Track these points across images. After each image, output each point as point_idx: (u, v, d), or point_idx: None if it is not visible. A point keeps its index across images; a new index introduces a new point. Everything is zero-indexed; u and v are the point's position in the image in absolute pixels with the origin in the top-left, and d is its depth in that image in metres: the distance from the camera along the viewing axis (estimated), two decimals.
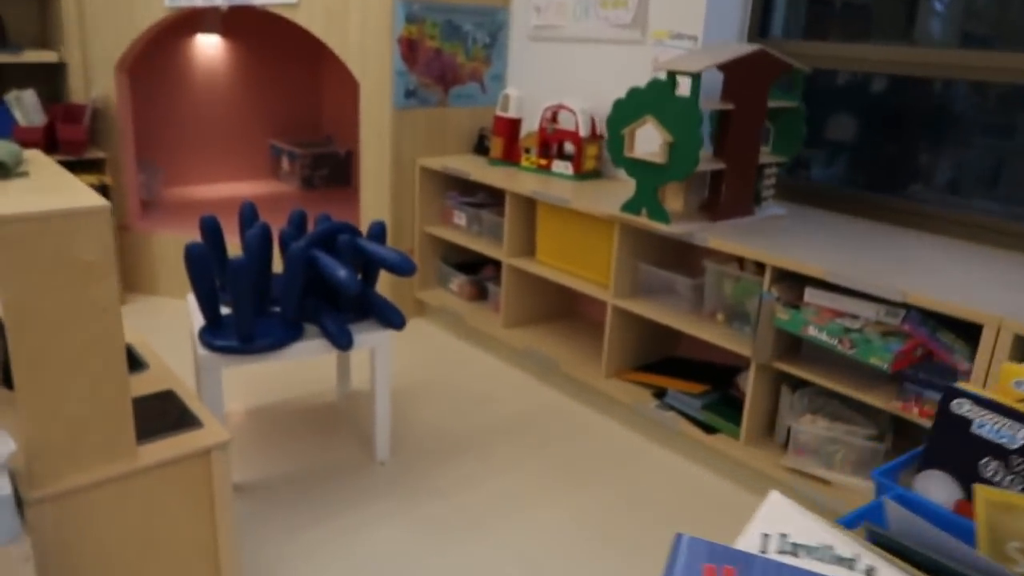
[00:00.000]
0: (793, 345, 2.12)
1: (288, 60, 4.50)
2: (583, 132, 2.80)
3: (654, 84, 2.12)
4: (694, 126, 2.04)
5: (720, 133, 2.20)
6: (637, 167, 2.22)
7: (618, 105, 2.23)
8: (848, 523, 0.69)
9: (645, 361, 2.69)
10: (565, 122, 2.90)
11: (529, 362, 2.88)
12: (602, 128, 2.87)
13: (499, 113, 3.03)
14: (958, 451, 0.76)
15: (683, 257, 2.64)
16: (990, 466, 0.74)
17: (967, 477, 0.75)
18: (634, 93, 2.18)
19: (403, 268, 2.02)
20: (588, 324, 3.06)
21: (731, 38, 2.59)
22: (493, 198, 3.16)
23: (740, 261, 2.28)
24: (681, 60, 2.11)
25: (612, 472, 2.28)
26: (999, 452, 0.73)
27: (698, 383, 2.46)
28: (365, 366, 2.85)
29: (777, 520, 0.59)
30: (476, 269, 3.26)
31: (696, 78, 2.04)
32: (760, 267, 2.22)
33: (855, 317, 1.94)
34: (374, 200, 3.15)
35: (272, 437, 2.38)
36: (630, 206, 2.28)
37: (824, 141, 2.60)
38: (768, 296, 2.01)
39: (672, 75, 2.10)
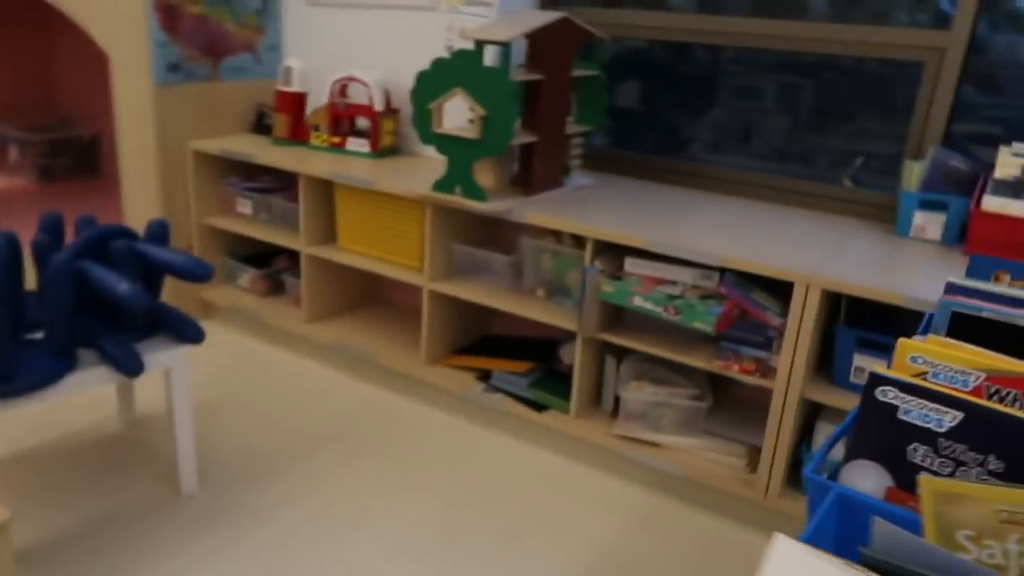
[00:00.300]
0: (616, 315, 2.14)
1: (7, 27, 3.78)
2: (378, 106, 2.62)
3: (461, 55, 2.00)
4: (508, 98, 1.96)
5: (528, 105, 2.14)
6: (448, 143, 2.10)
7: (422, 77, 2.09)
8: (811, 537, 0.64)
9: (463, 343, 2.60)
10: (356, 96, 2.69)
11: (340, 358, 2.68)
12: (398, 101, 2.70)
13: (281, 87, 2.75)
14: (885, 439, 0.74)
15: (495, 234, 2.58)
16: (919, 451, 0.72)
17: (895, 464, 0.74)
18: (439, 64, 2.05)
19: (197, 273, 1.74)
20: (399, 310, 2.91)
21: (525, 6, 2.54)
22: (282, 182, 2.88)
23: (556, 234, 2.26)
24: (488, 29, 2.01)
25: (447, 464, 2.18)
26: (927, 437, 0.72)
27: (521, 361, 2.42)
28: (151, 385, 2.49)
29: (788, 568, 0.52)
30: (268, 261, 2.97)
31: (506, 47, 1.95)
32: (577, 239, 2.21)
33: (674, 283, 1.99)
34: (139, 192, 2.74)
35: (51, 486, 1.99)
36: (442, 185, 2.16)
37: (618, 109, 2.64)
38: (592, 269, 2.00)
39: (480, 44, 2.00)
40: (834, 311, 1.89)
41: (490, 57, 2.02)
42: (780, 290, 1.92)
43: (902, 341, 0.83)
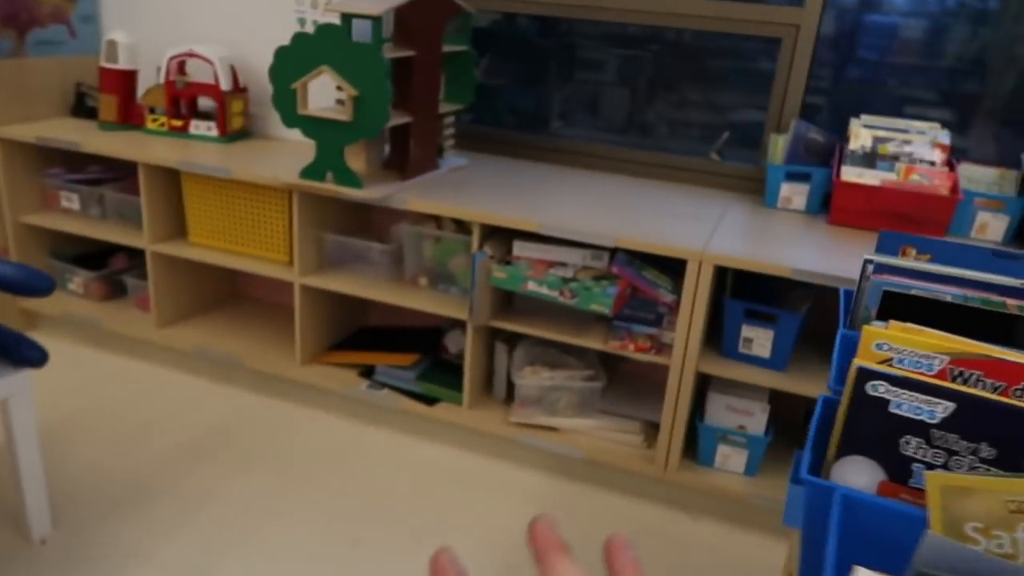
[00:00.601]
0: (505, 300, 2.08)
1: None
2: (224, 85, 2.37)
3: (326, 30, 1.84)
4: (381, 76, 1.83)
5: (400, 83, 2.01)
6: (317, 126, 1.93)
7: (282, 54, 1.90)
8: (838, 552, 0.61)
9: (338, 338, 2.45)
10: (197, 73, 2.42)
11: (203, 364, 2.44)
12: (246, 79, 2.47)
13: (105, 64, 2.42)
14: (876, 433, 0.73)
15: (365, 221, 2.43)
16: (911, 444, 0.72)
17: (888, 458, 0.73)
18: (301, 39, 1.87)
19: (35, 286, 1.49)
20: (263, 307, 2.69)
21: None
22: (114, 171, 2.56)
23: (436, 219, 2.16)
24: (357, 2, 1.85)
25: (338, 470, 2.04)
26: (919, 429, 0.71)
27: (404, 353, 2.31)
28: None
29: None
30: (103, 262, 2.64)
31: (378, 22, 1.81)
32: (459, 223, 2.13)
33: (564, 265, 1.96)
34: None
35: None
36: (312, 171, 2.00)
37: (482, 85, 2.56)
38: (481, 255, 1.92)
39: (347, 18, 1.84)
40: (719, 285, 1.94)
41: (356, 32, 1.87)
42: (670, 267, 1.93)
43: (866, 329, 0.83)
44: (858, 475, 0.73)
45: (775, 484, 1.93)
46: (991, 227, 2.01)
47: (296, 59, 1.88)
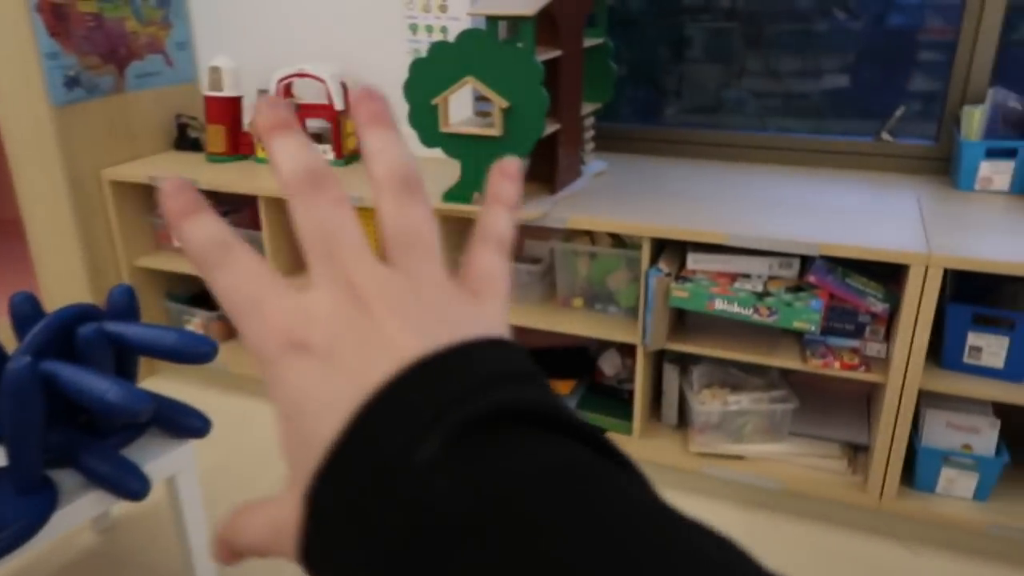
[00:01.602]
0: (677, 318, 1.87)
1: None
2: (338, 104, 2.21)
3: (471, 35, 1.64)
4: (536, 84, 1.63)
5: (547, 87, 1.81)
6: (462, 144, 1.75)
7: (419, 66, 1.71)
8: None
9: None
10: (306, 94, 2.26)
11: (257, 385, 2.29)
12: None
13: (210, 93, 2.28)
14: None
15: None
16: None
17: None
18: (441, 48, 1.68)
19: (197, 353, 1.34)
20: None
21: None
22: (229, 204, 2.42)
23: (589, 234, 1.96)
24: (500, 1, 1.66)
25: None
26: None
27: (558, 379, 2.12)
28: None
29: None
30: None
31: (530, 23, 1.61)
32: (615, 236, 1.92)
33: (747, 277, 1.74)
34: (50, 240, 2.23)
35: None
36: (457, 194, 1.81)
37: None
38: (656, 273, 1.71)
39: (494, 21, 1.64)
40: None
41: (506, 35, 1.67)
42: (879, 272, 1.70)
43: None
44: None
45: (1012, 510, 1.69)
46: None
47: (435, 71, 1.69)
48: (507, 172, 0.32)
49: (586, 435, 0.24)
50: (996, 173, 1.87)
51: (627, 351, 2.05)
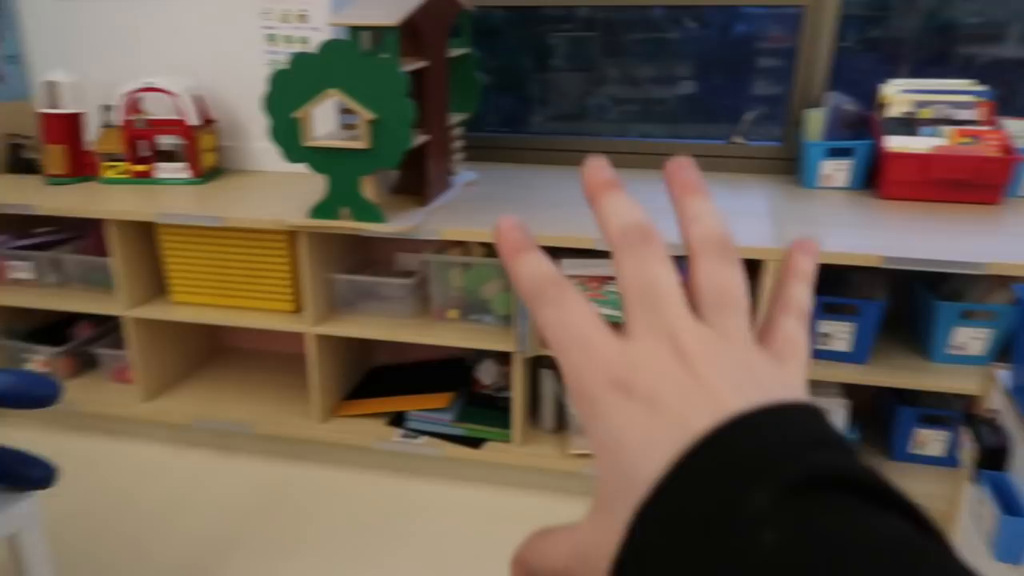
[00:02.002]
0: None
1: None
2: (192, 120, 2.09)
3: (334, 46, 1.59)
4: (401, 95, 1.60)
5: (414, 98, 1.78)
6: (328, 158, 1.69)
7: (279, 78, 1.65)
8: None
9: (351, 385, 2.21)
10: (156, 109, 2.13)
11: (202, 435, 2.16)
12: (217, 111, 2.18)
13: (46, 110, 2.10)
14: None
15: (368, 254, 2.19)
16: None
17: None
18: (302, 59, 1.62)
19: (40, 396, 1.22)
20: (258, 360, 2.41)
21: None
22: (69, 231, 2.24)
23: (462, 244, 1.95)
24: (362, 11, 1.62)
25: (387, 533, 1.82)
26: None
27: (436, 393, 2.09)
28: None
29: None
30: (60, 334, 2.30)
31: (393, 33, 1.58)
32: (487, 246, 1.92)
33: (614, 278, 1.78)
34: None
35: None
36: (324, 209, 1.75)
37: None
38: None
39: (356, 31, 1.60)
40: None
41: (371, 45, 1.64)
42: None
43: None
44: None
45: None
46: None
47: (296, 83, 1.63)
48: (808, 248, 0.34)
49: (906, 507, 0.24)
50: (836, 171, 2.01)
51: (503, 359, 2.05)
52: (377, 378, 2.26)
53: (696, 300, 0.30)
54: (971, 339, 1.72)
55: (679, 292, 0.29)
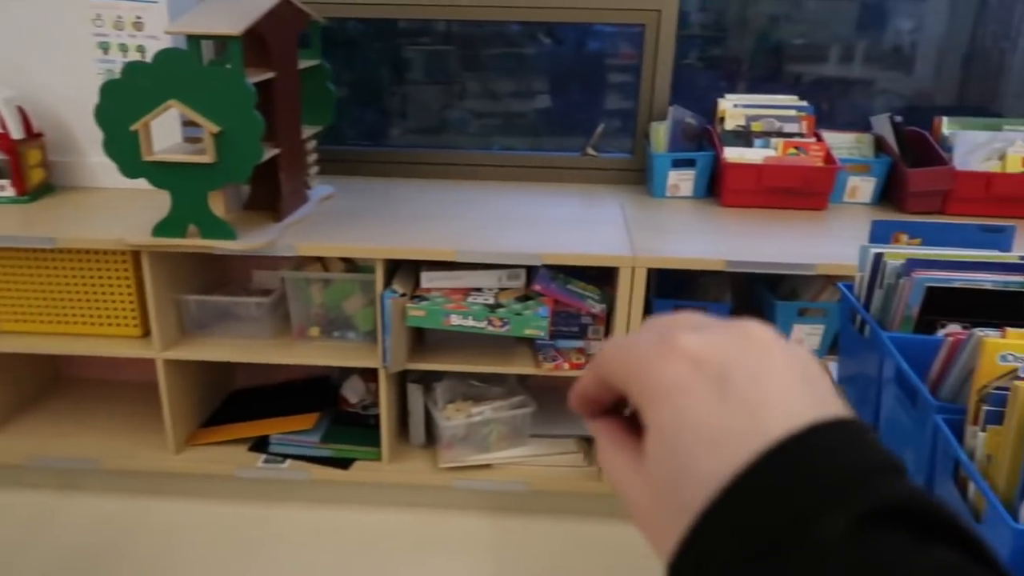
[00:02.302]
0: (416, 337, 1.88)
1: None
2: (15, 133, 1.93)
3: (171, 56, 1.52)
4: (248, 107, 1.54)
5: (262, 110, 1.73)
6: (170, 173, 1.60)
7: (112, 89, 1.55)
8: None
9: (208, 411, 2.11)
10: None
11: (42, 475, 1.99)
12: (40, 124, 2.02)
13: None
14: None
15: (222, 273, 2.10)
16: None
17: None
18: (136, 69, 1.54)
19: None
20: (101, 389, 2.25)
21: None
22: None
23: (320, 260, 1.90)
24: (202, 20, 1.55)
25: (253, 565, 1.75)
26: None
27: (300, 414, 2.03)
28: None
29: None
30: None
31: (236, 43, 1.52)
32: (347, 261, 1.89)
33: (480, 290, 1.80)
34: None
35: None
36: (169, 227, 1.66)
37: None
38: (391, 294, 1.71)
39: (196, 41, 1.53)
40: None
41: (211, 55, 1.57)
42: (595, 276, 1.84)
43: (988, 342, 0.77)
44: None
45: None
46: (861, 190, 2.12)
47: (132, 94, 1.54)
48: None
49: (965, 536, 0.24)
50: (681, 181, 2.12)
51: (370, 376, 2.02)
52: (237, 402, 2.16)
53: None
54: (807, 335, 1.85)
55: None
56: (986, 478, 0.74)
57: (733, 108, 2.13)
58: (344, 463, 1.92)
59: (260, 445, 1.98)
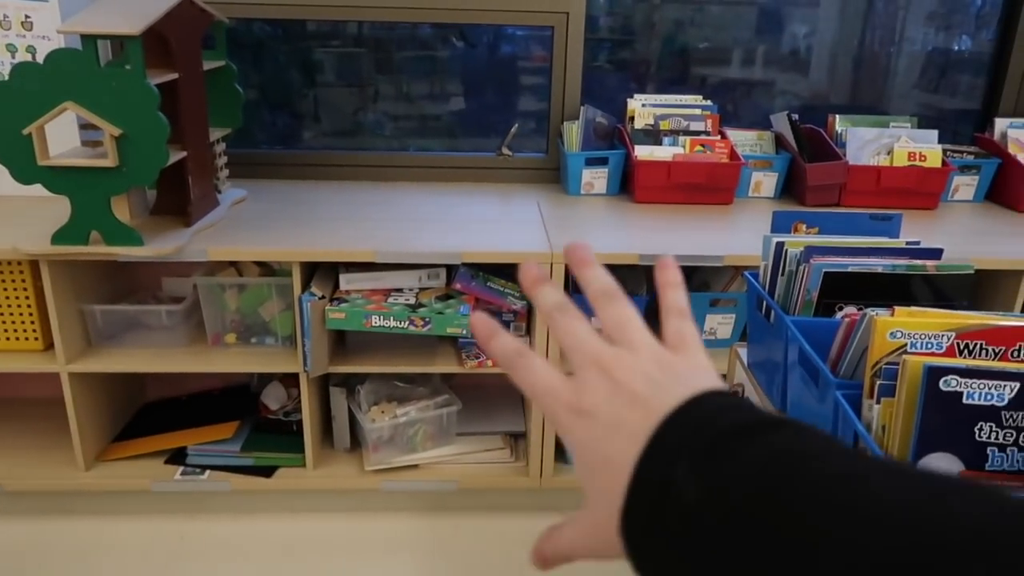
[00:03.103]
0: (337, 340, 1.86)
1: None
2: None
3: (66, 56, 1.45)
4: (150, 109, 1.49)
5: (165, 112, 1.67)
6: (68, 178, 1.54)
7: (3, 91, 1.48)
8: None
9: (120, 425, 2.03)
10: None
11: None
12: None
13: None
14: (952, 427, 0.73)
15: (128, 280, 2.02)
16: (984, 429, 0.72)
17: (964, 448, 0.73)
18: (26, 70, 1.46)
19: None
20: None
21: None
22: None
23: (234, 264, 1.86)
24: (98, 19, 1.49)
25: None
26: (991, 413, 0.72)
27: (218, 424, 1.97)
28: None
29: None
30: None
31: (136, 43, 1.47)
32: (262, 265, 1.86)
33: (400, 291, 1.80)
34: None
35: None
36: (69, 234, 1.59)
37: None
38: (310, 297, 1.68)
39: (91, 40, 1.48)
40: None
41: (107, 55, 1.51)
42: (514, 273, 1.86)
43: (878, 320, 0.83)
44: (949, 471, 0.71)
45: None
46: (764, 185, 2.21)
47: (23, 96, 1.47)
48: (666, 264, 0.44)
49: (787, 422, 0.34)
50: (595, 178, 2.17)
51: (291, 381, 1.99)
52: (151, 415, 2.09)
53: (607, 334, 0.40)
54: (719, 324, 1.93)
55: (595, 333, 0.40)
56: (882, 447, 0.80)
57: (642, 108, 2.20)
58: (267, 471, 1.89)
59: (177, 457, 1.92)
